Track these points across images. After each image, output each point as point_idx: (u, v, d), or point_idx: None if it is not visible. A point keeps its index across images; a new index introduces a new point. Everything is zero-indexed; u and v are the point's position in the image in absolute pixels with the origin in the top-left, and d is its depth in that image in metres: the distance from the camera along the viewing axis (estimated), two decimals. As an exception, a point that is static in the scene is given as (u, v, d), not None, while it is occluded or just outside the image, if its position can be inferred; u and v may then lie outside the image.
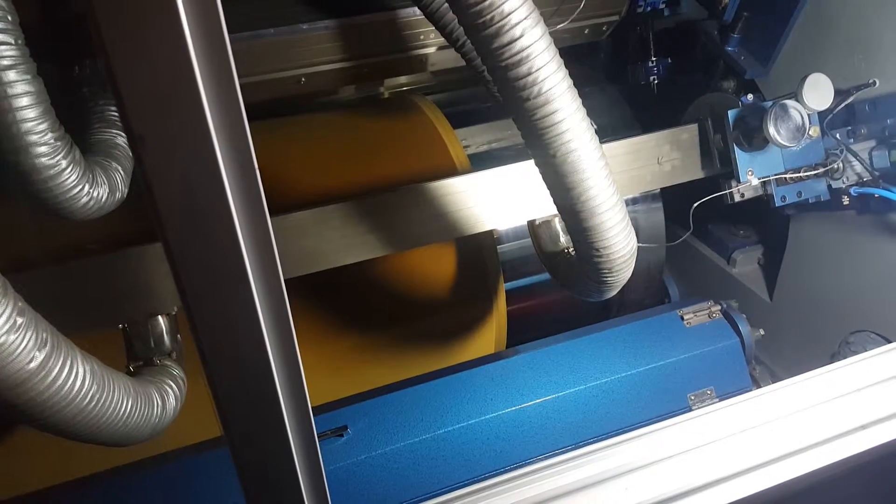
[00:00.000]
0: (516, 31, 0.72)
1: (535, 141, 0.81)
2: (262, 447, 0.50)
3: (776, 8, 1.50)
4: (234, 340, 0.46)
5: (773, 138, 1.24)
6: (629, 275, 0.98)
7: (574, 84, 0.79)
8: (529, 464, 1.34)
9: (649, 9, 1.62)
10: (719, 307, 1.53)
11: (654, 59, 1.75)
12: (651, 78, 1.77)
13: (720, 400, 1.47)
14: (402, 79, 1.86)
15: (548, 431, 1.38)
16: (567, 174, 0.82)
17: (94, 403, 0.72)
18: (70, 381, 0.68)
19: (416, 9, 1.40)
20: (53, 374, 0.65)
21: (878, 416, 0.92)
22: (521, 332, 1.67)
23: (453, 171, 1.52)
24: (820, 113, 1.31)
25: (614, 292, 1.05)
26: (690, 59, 1.71)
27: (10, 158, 0.89)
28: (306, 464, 0.53)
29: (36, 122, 0.89)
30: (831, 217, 1.55)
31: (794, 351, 1.73)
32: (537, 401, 1.38)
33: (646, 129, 1.67)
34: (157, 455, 1.21)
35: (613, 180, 0.86)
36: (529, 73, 0.74)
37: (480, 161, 1.57)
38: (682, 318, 1.51)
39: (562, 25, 1.48)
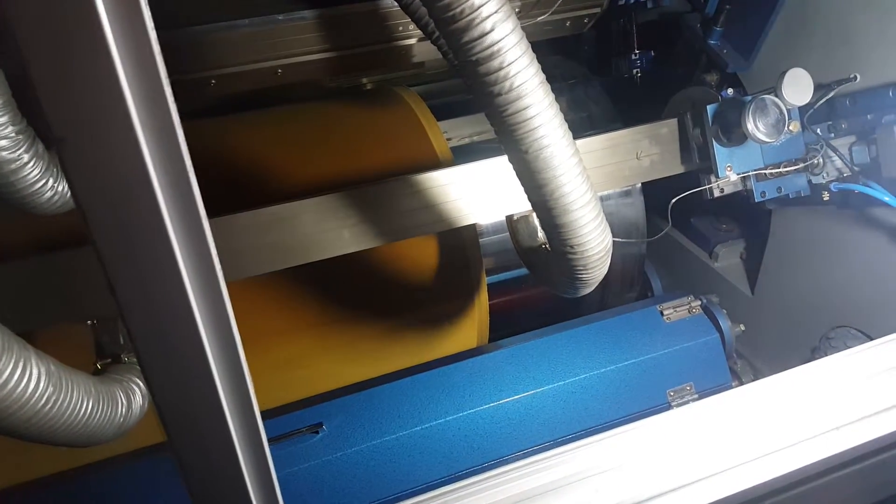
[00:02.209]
0: (487, 25, 0.70)
1: (507, 137, 0.79)
2: (207, 456, 0.49)
3: (759, 1, 1.48)
4: (172, 346, 0.44)
5: (751, 134, 1.23)
6: (604, 272, 0.97)
7: (557, 76, 0.78)
8: (503, 463, 1.34)
9: (631, 0, 1.60)
10: (699, 302, 1.52)
11: (637, 51, 1.73)
12: (634, 70, 1.76)
13: (700, 395, 1.47)
14: (385, 69, 1.84)
15: (526, 427, 1.37)
16: (539, 170, 0.81)
17: (49, 405, 0.70)
18: (23, 384, 0.66)
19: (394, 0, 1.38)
20: (4, 376, 0.63)
21: (857, 415, 0.91)
22: (505, 326, 1.66)
23: (436, 164, 1.50)
24: (800, 108, 1.29)
25: (590, 289, 1.04)
26: (673, 52, 1.70)
27: None
28: (255, 469, 0.51)
29: None
30: (813, 212, 1.54)
31: (775, 345, 1.73)
32: (516, 397, 1.37)
33: (628, 122, 1.67)
34: (110, 458, 1.20)
35: (588, 177, 0.84)
36: (501, 68, 0.72)
37: (463, 154, 1.55)
38: (662, 314, 1.50)
39: (542, 18, 1.47)
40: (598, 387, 1.42)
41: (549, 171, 0.80)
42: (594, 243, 0.89)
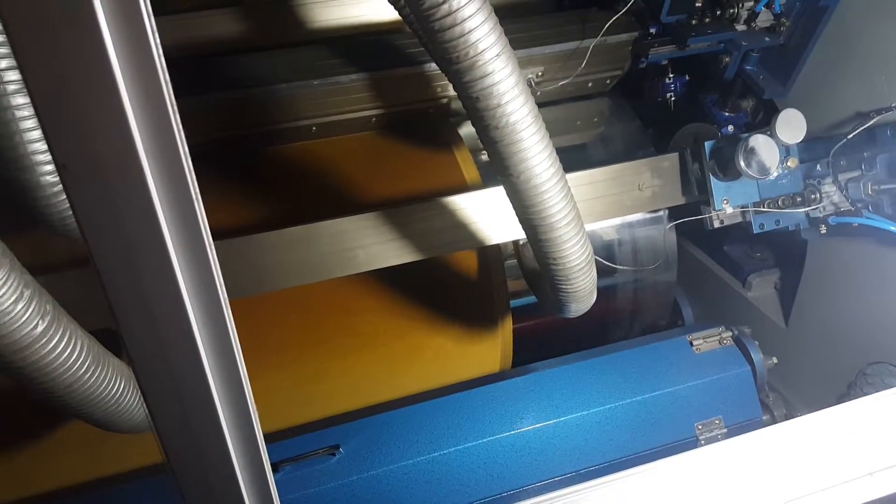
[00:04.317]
0: (487, 68, 0.76)
1: (499, 163, 0.86)
2: (206, 479, 0.48)
3: (797, 27, 1.45)
4: (171, 369, 0.44)
5: (743, 171, 1.27)
6: (587, 285, 1.04)
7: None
8: (523, 493, 1.31)
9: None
10: (730, 333, 1.48)
11: (671, 75, 1.71)
12: (668, 95, 1.73)
13: (729, 430, 1.42)
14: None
15: (548, 457, 1.34)
16: (527, 194, 0.88)
17: (89, 374, 0.77)
18: (69, 350, 0.73)
19: (430, 64, 1.46)
20: (54, 341, 0.71)
21: (893, 460, 0.87)
22: (529, 351, 1.64)
23: (463, 189, 1.50)
24: (831, 139, 1.29)
25: (577, 304, 1.10)
26: (708, 76, 1.67)
27: (15, 175, 0.91)
28: (256, 494, 0.50)
29: (41, 143, 0.91)
30: (851, 243, 1.49)
31: (809, 379, 1.67)
32: (538, 425, 1.34)
33: (658, 144, 1.66)
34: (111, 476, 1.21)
35: (572, 198, 0.92)
36: (498, 107, 0.79)
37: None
38: (692, 344, 1.46)
39: (565, 81, 1.53)
40: (624, 417, 1.38)
41: (537, 196, 0.88)
42: (574, 256, 0.96)
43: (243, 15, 1.49)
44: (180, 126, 0.39)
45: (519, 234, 1.30)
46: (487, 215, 1.32)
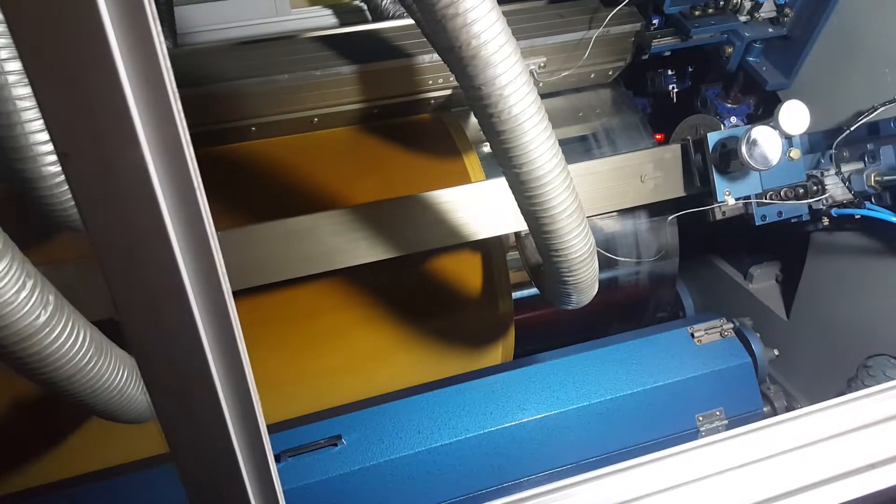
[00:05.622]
0: (490, 59, 0.76)
1: (502, 154, 0.86)
2: (209, 469, 0.49)
3: (800, 18, 1.45)
4: (174, 359, 0.44)
5: (746, 162, 1.27)
6: (588, 277, 1.05)
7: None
8: (524, 483, 1.32)
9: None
10: (732, 325, 1.48)
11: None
12: (670, 86, 1.73)
13: (729, 421, 1.42)
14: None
15: (549, 448, 1.35)
16: (529, 186, 0.88)
17: (91, 364, 0.77)
18: (71, 340, 0.73)
19: (424, 56, 1.46)
20: (56, 331, 0.71)
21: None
22: (531, 343, 1.64)
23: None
24: (834, 130, 1.29)
25: (579, 296, 1.11)
26: (711, 68, 1.66)
27: (17, 167, 0.91)
28: (258, 484, 0.51)
29: (43, 133, 0.91)
30: (852, 235, 1.49)
31: (810, 371, 1.67)
32: (539, 416, 1.35)
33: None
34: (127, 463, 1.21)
35: (574, 189, 0.92)
36: (501, 97, 0.79)
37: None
38: (693, 336, 1.46)
39: (567, 72, 1.54)
40: (625, 409, 1.38)
41: (540, 187, 0.88)
42: (577, 247, 0.97)
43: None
44: (183, 114, 0.39)
45: (520, 225, 1.30)
46: (489, 207, 1.31)
